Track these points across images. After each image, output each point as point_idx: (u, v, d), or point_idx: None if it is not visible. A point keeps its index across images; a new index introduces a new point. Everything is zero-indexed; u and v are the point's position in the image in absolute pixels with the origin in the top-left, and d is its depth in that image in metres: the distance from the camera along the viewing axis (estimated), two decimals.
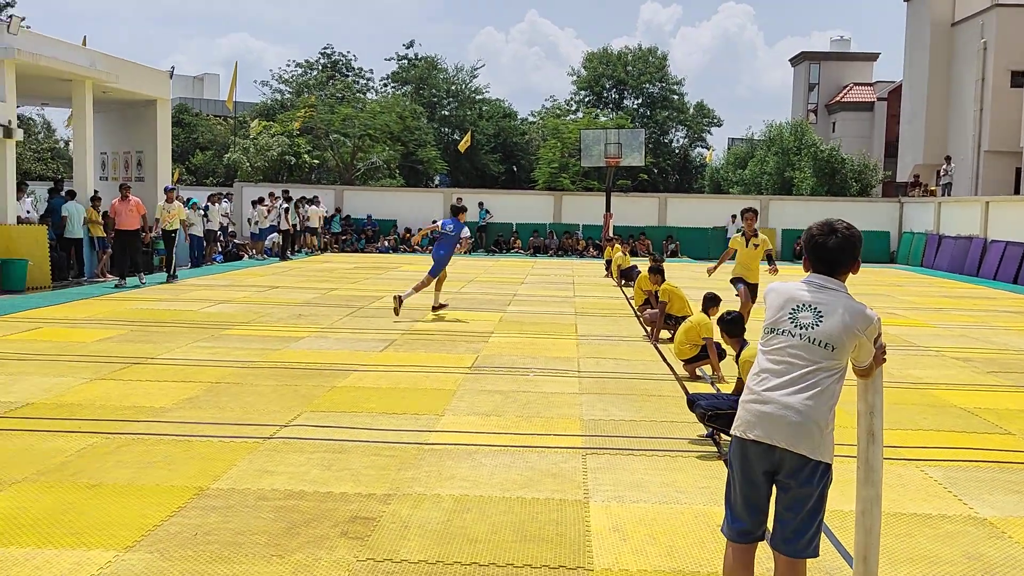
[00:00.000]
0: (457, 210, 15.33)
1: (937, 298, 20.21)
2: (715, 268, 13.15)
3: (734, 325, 7.73)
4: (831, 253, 3.67)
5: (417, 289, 14.70)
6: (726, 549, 3.79)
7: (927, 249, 31.53)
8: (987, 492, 6.12)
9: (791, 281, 3.76)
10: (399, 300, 14.30)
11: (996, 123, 37.07)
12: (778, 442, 3.52)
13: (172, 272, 19.84)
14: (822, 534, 5.24)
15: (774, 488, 3.67)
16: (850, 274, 3.73)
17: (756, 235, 12.50)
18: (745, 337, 7.74)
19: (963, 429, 7.93)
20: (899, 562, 4.87)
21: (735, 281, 12.51)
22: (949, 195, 33.65)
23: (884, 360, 3.86)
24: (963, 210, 30.30)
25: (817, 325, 3.55)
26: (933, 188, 35.83)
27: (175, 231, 20.14)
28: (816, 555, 3.63)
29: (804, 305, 3.62)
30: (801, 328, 3.57)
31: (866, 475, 4.04)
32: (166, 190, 20.75)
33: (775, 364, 3.61)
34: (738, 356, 7.28)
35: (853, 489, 4.84)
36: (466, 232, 15.52)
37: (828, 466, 3.56)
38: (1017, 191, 34.87)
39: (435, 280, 14.88)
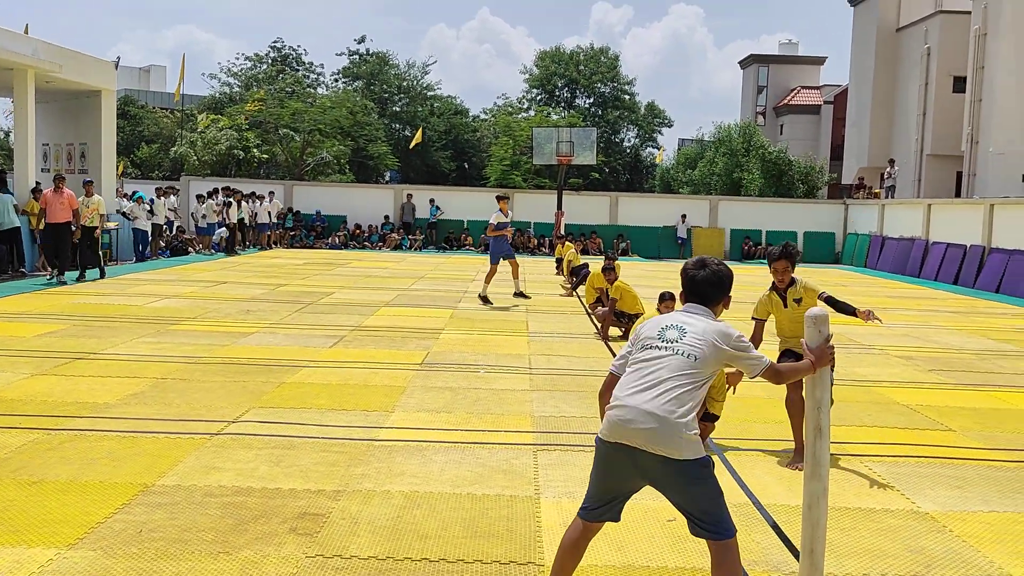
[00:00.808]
0: (499, 199, 17.04)
1: (880, 298, 20.58)
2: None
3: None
4: (700, 286, 4.02)
5: (487, 280, 16.48)
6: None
7: (871, 250, 32.11)
8: (929, 487, 6.25)
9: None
10: (484, 299, 16.01)
11: (938, 127, 37.87)
12: (639, 444, 3.69)
13: (83, 272, 18.09)
14: (769, 528, 5.32)
15: (647, 489, 3.89)
16: (723, 309, 4.06)
17: (794, 285, 7.35)
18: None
19: (906, 426, 8.08)
20: (844, 555, 4.95)
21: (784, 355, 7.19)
22: (893, 197, 34.32)
23: (830, 361, 4.06)
24: (906, 212, 30.91)
25: (681, 339, 3.82)
26: (877, 190, 36.54)
27: (95, 228, 18.27)
28: (734, 531, 3.75)
29: (672, 326, 3.91)
30: (667, 342, 3.84)
31: (813, 469, 4.10)
32: (84, 183, 18.68)
33: (640, 374, 3.81)
34: None
35: (798, 484, 4.90)
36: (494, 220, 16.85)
37: (702, 461, 3.70)
38: (958, 194, 35.65)
39: (494, 269, 16.63)
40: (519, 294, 17.12)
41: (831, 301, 6.81)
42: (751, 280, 24.54)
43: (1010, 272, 23.22)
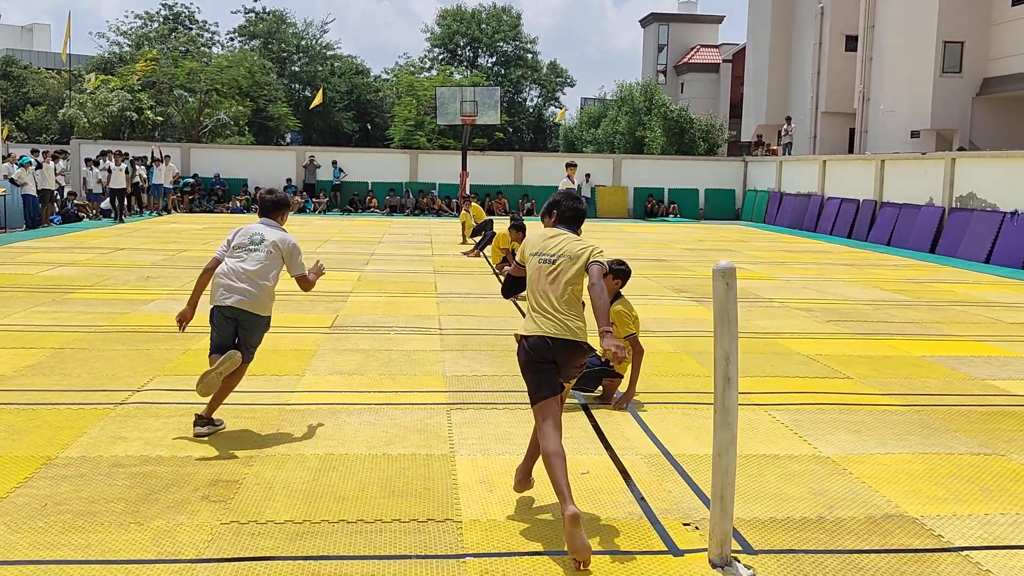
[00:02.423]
0: (568, 165, 17.26)
1: (779, 252, 21.17)
2: None
3: (625, 274, 7.36)
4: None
5: None
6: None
7: (769, 206, 32.92)
8: (829, 432, 6.50)
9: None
10: None
11: (832, 85, 38.85)
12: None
13: None
14: (679, 477, 5.47)
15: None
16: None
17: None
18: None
19: (806, 375, 8.37)
20: (751, 500, 5.12)
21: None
22: (790, 154, 35.18)
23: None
24: (802, 169, 31.75)
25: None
26: (775, 148, 37.38)
27: None
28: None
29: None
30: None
31: (722, 418, 4.22)
32: None
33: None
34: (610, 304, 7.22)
35: (708, 434, 5.04)
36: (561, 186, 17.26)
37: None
38: (851, 150, 36.75)
39: None
40: None
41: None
42: (654, 239, 24.98)
43: (900, 225, 24.12)
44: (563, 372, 4.77)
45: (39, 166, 23.76)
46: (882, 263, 19.34)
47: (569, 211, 5.08)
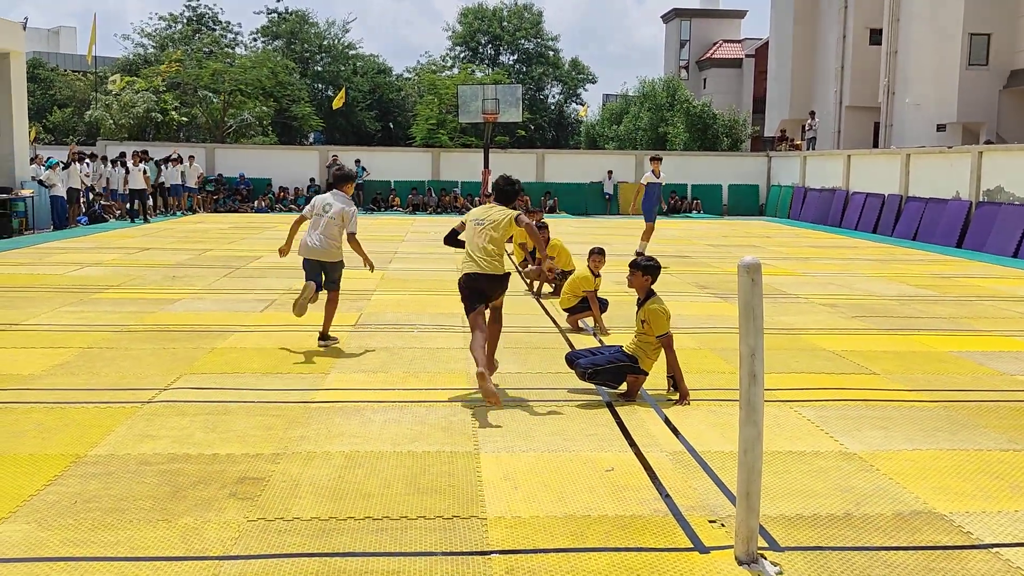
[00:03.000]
0: (652, 159, 17.37)
1: (804, 248, 21.04)
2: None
3: (656, 270, 7.33)
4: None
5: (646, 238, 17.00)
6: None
7: (793, 201, 32.72)
8: (855, 429, 6.45)
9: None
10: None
11: (856, 79, 38.54)
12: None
13: None
14: (705, 475, 5.46)
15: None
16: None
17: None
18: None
19: (832, 371, 8.32)
20: (778, 496, 5.09)
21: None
22: (813, 149, 34.94)
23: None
24: (827, 163, 31.53)
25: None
26: (799, 142, 37.13)
27: None
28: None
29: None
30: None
31: (748, 415, 4.19)
32: None
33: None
34: (642, 303, 7.20)
35: (733, 431, 5.02)
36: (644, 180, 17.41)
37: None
38: (876, 145, 36.45)
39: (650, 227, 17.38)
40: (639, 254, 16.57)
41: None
42: (677, 235, 24.89)
43: (926, 220, 23.91)
44: (489, 295, 7.28)
45: (67, 166, 23.99)
46: (908, 258, 19.18)
47: (500, 191, 7.43)
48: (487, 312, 7.35)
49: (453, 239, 7.56)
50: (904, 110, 33.97)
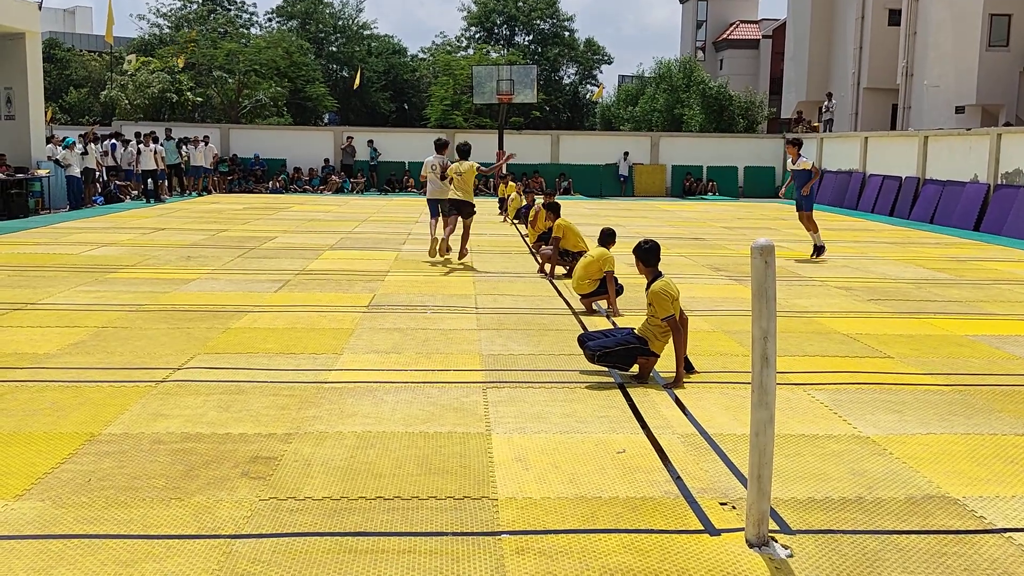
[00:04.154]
0: (790, 143, 16.29)
1: (820, 231, 20.87)
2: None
3: (651, 254, 7.32)
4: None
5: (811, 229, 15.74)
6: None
7: None
8: (869, 412, 6.42)
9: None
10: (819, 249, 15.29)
11: (874, 61, 38.22)
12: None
13: None
14: (717, 457, 5.45)
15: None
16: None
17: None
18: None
19: (846, 354, 8.28)
20: (789, 479, 5.08)
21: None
22: (831, 131, 34.69)
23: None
24: (843, 145, 31.31)
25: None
26: (816, 124, 36.88)
27: None
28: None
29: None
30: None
31: (760, 398, 4.17)
32: None
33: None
34: (649, 285, 7.23)
35: (745, 413, 5.01)
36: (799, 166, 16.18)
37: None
38: (893, 127, 36.17)
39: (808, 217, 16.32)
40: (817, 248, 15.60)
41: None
42: (692, 217, 24.81)
43: (943, 202, 23.73)
44: (461, 213, 13.26)
45: (87, 145, 24.05)
46: (924, 241, 19.05)
47: (461, 151, 13.59)
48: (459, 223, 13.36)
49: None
50: (922, 92, 33.67)
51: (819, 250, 15.46)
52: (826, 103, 35.89)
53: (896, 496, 4.90)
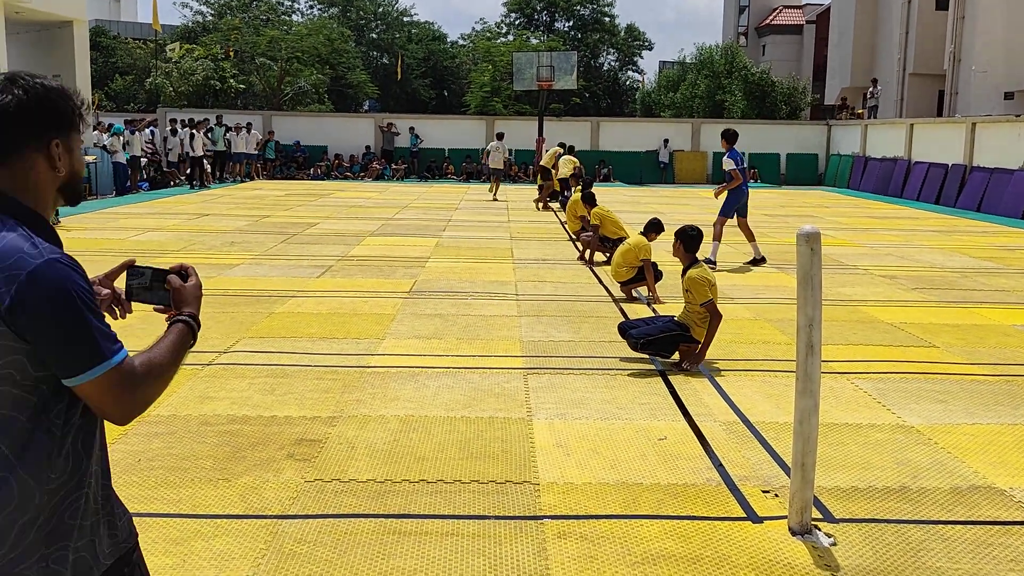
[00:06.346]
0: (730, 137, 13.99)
1: (864, 218, 20.66)
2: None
3: (696, 241, 7.31)
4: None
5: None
6: None
7: (854, 171, 32.11)
8: (914, 401, 6.36)
9: None
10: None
11: (920, 46, 37.57)
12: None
13: None
14: (759, 445, 5.42)
15: None
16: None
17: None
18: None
19: (890, 343, 8.19)
20: (833, 468, 5.05)
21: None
22: (875, 118, 34.19)
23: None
24: (888, 132, 30.84)
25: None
26: (860, 111, 36.36)
27: None
28: None
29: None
30: None
31: (804, 386, 4.16)
32: None
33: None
34: (685, 271, 7.22)
35: (788, 402, 4.98)
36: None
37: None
38: (939, 113, 35.57)
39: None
40: None
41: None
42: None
43: (991, 190, 23.32)
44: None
45: (132, 132, 24.41)
46: (971, 230, 18.75)
47: (496, 137, 23.95)
48: None
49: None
50: (970, 77, 33.05)
51: (757, 262, 12.94)
52: (871, 89, 35.35)
53: (941, 486, 4.86)
